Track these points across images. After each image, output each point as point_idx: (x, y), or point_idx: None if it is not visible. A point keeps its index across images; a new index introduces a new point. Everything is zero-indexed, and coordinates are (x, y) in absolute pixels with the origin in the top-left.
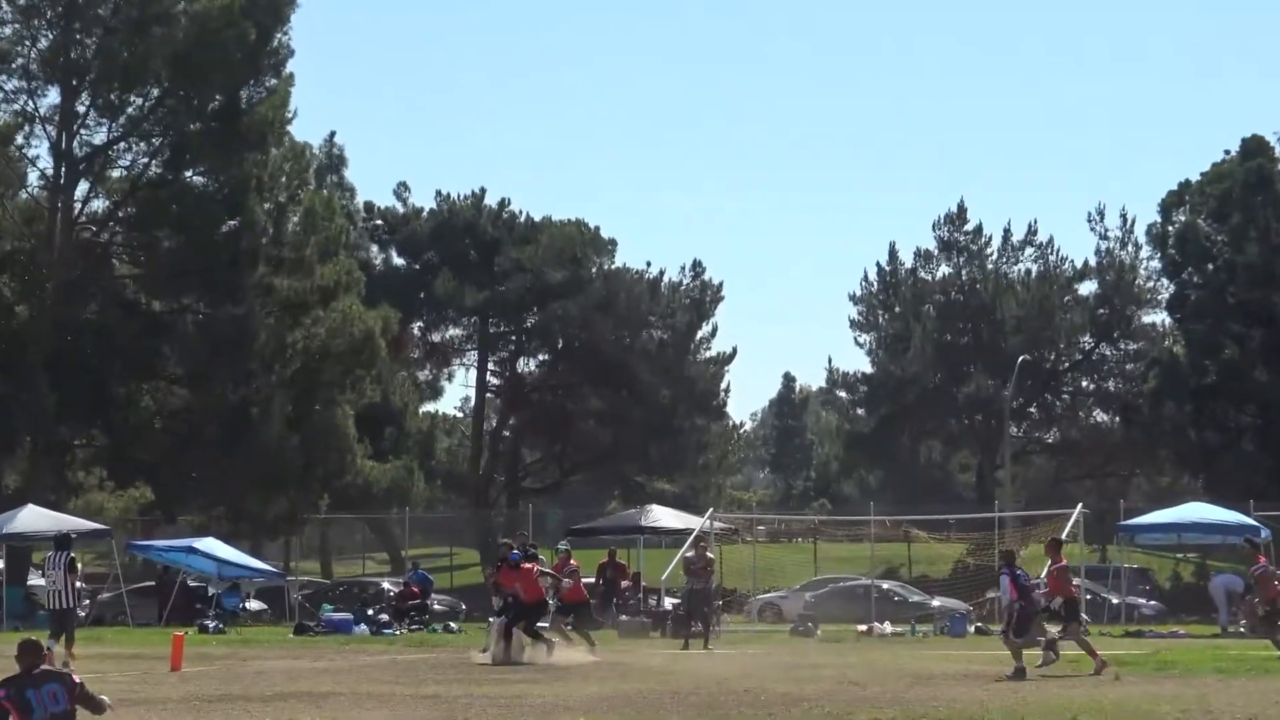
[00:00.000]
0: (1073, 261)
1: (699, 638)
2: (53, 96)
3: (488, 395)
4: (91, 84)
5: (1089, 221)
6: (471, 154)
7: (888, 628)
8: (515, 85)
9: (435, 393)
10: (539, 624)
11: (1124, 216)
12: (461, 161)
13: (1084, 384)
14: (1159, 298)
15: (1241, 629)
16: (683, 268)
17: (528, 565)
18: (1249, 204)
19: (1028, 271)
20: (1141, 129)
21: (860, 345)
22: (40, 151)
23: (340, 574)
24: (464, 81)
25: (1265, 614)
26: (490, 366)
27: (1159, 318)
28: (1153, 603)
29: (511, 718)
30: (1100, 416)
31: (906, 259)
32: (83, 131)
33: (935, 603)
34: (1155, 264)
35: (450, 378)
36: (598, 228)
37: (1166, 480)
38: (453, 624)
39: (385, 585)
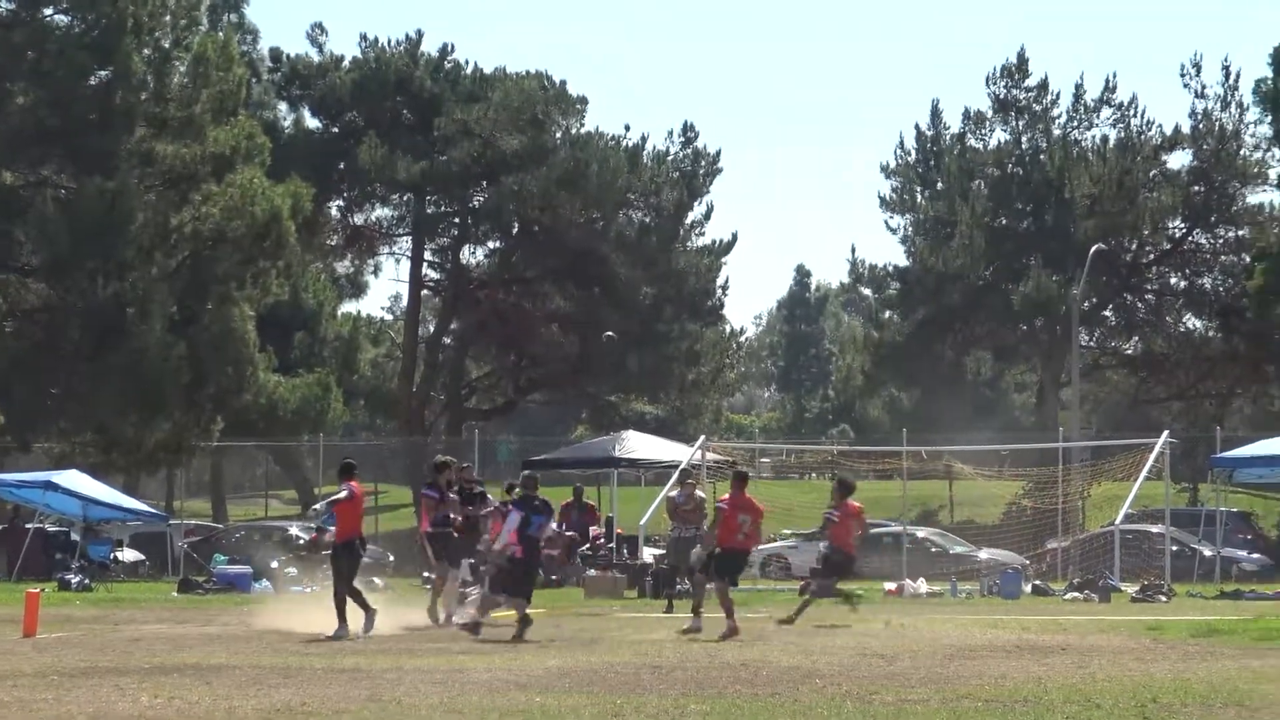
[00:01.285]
0: (1161, 127)
1: (687, 599)
2: None
3: (424, 293)
4: None
5: (1182, 76)
6: None
7: (922, 586)
8: None
9: (358, 290)
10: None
11: (1226, 70)
12: None
13: (1173, 281)
14: (1268, 172)
15: None
16: (670, 133)
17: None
18: None
19: (1104, 139)
20: None
21: (892, 231)
22: None
23: (237, 517)
24: None
25: None
26: (427, 257)
27: (1269, 198)
28: (1256, 555)
29: (450, 697)
30: (1193, 322)
31: (953, 122)
32: None
33: (982, 555)
34: (1265, 130)
35: (377, 271)
36: (563, 82)
37: (1276, 401)
38: (377, 579)
39: (293, 531)
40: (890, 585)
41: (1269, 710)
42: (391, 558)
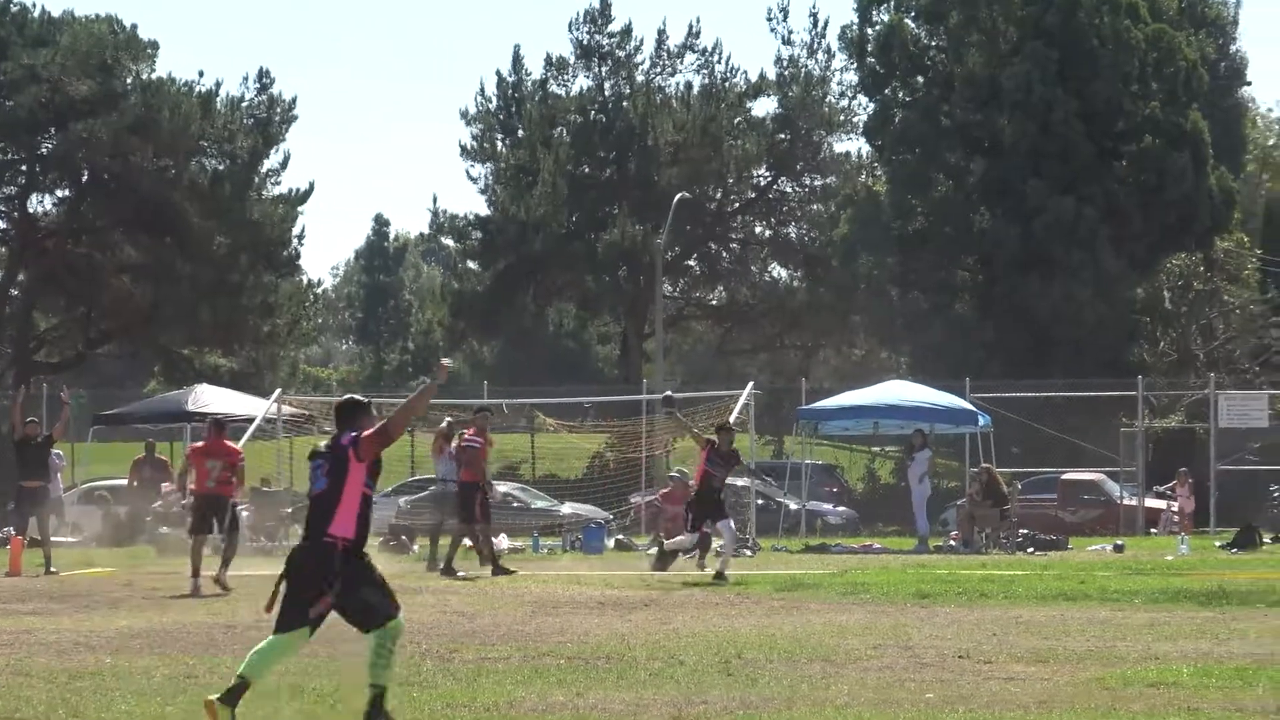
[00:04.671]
0: (746, 74)
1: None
2: None
3: None
4: None
5: (769, 21)
6: None
7: (504, 542)
8: None
9: None
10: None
11: (813, 16)
12: None
13: (758, 230)
14: (854, 120)
15: (952, 542)
16: (245, 79)
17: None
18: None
19: (688, 85)
20: None
21: (473, 180)
22: None
23: None
24: None
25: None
26: None
27: (855, 145)
28: (841, 508)
29: (17, 659)
30: (778, 272)
31: (535, 68)
32: None
33: (564, 509)
34: (851, 77)
35: None
36: (134, 26)
37: (861, 353)
38: None
39: None
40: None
41: (855, 665)
42: None
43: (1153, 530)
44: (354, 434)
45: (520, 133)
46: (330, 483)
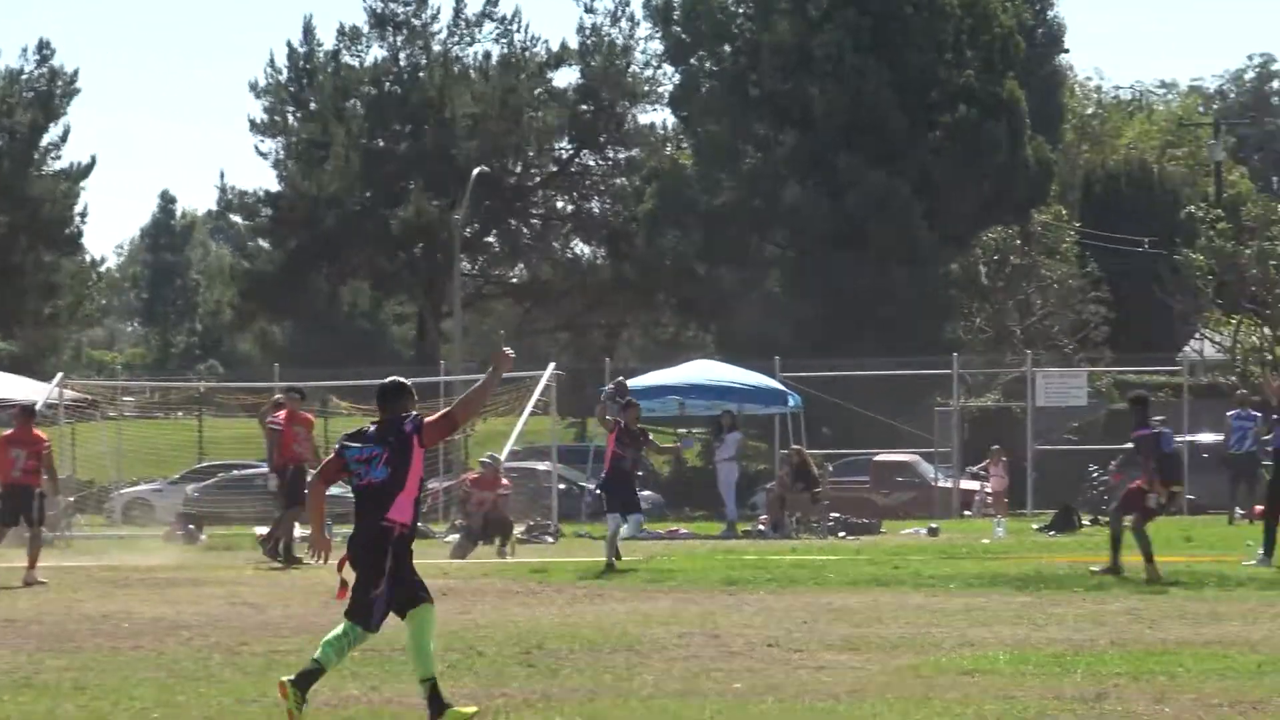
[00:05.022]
0: (547, 43)
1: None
2: None
3: None
4: None
5: None
6: None
7: (296, 530)
8: None
9: None
10: None
11: None
12: None
13: (560, 205)
14: (659, 90)
15: (760, 527)
16: (24, 51)
17: None
18: None
19: (486, 55)
20: None
21: (263, 155)
22: None
23: None
24: None
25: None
26: None
27: (660, 117)
28: (646, 493)
29: None
30: (581, 248)
31: (327, 39)
32: None
33: None
34: (656, 46)
35: None
36: None
37: (668, 331)
38: None
39: None
40: (262, 529)
41: (660, 654)
42: None
43: (966, 513)
44: (413, 419)
45: (312, 105)
46: (392, 471)
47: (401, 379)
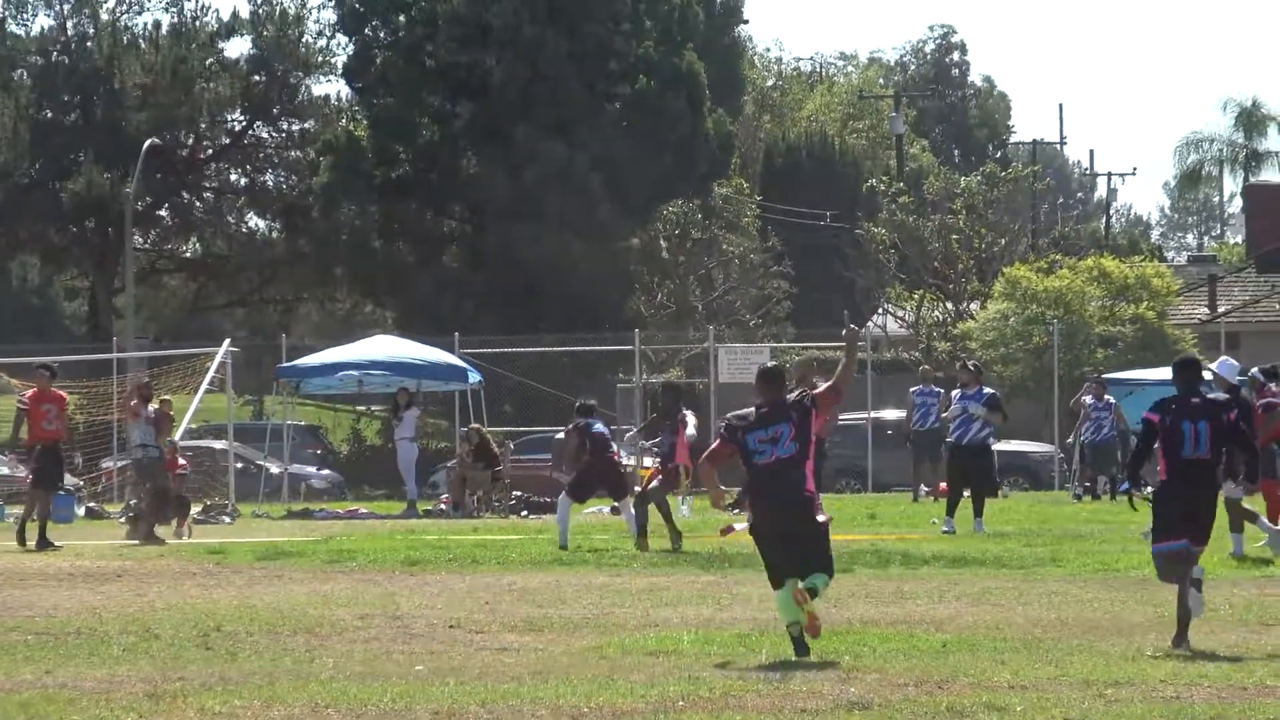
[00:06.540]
0: (218, 12)
1: None
2: None
3: None
4: None
5: None
6: None
7: None
8: None
9: None
10: None
11: None
12: None
13: (234, 178)
14: (334, 61)
15: (442, 506)
16: None
17: None
18: None
19: (156, 25)
20: None
21: None
22: None
23: None
24: None
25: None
26: None
27: (334, 88)
28: (326, 471)
29: None
30: (256, 222)
31: None
32: None
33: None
34: (329, 15)
35: None
36: None
37: (345, 307)
38: None
39: None
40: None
41: (340, 636)
42: None
43: (636, 490)
44: (807, 394)
45: None
46: (798, 446)
47: (777, 365)
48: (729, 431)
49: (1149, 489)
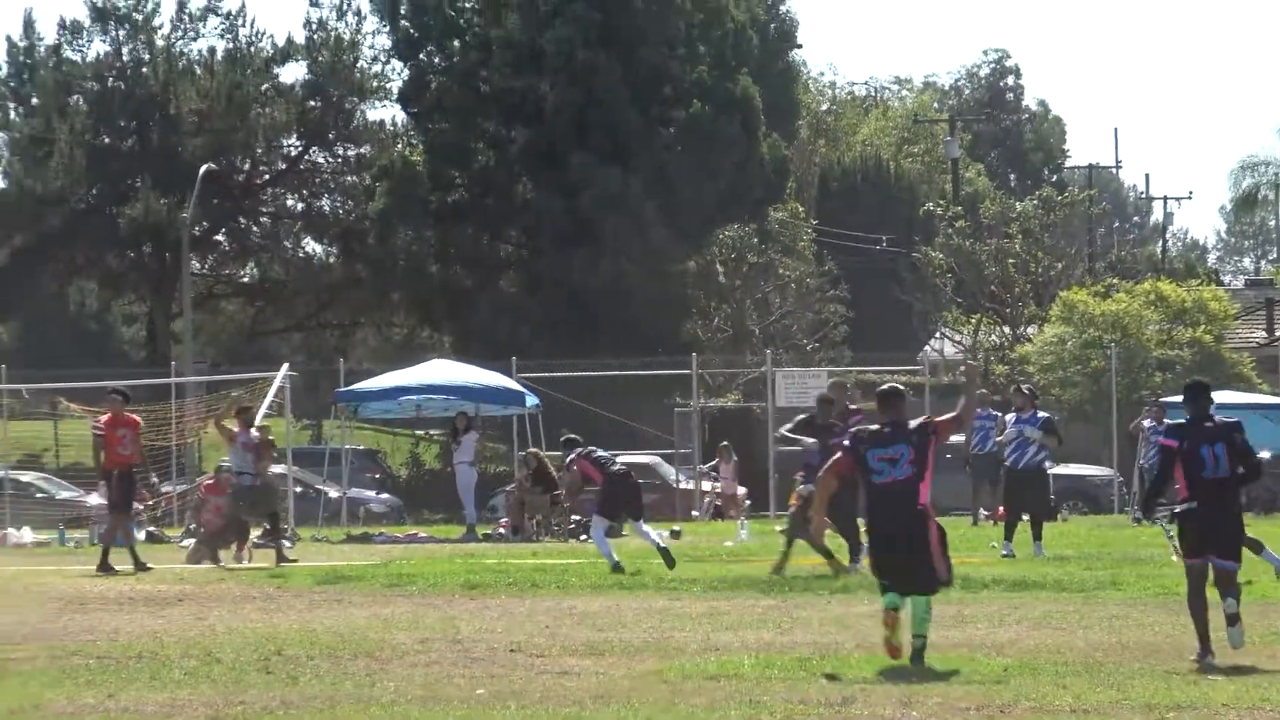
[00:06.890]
0: (273, 38)
1: None
2: None
3: None
4: None
5: None
6: None
7: (27, 535)
8: None
9: None
10: None
11: None
12: None
13: (290, 203)
14: (389, 86)
15: (501, 530)
16: None
17: None
18: None
19: (211, 51)
20: None
21: None
22: None
23: None
24: None
25: None
26: None
27: (390, 113)
28: (385, 495)
29: None
30: (312, 247)
31: (48, 33)
32: None
33: (92, 500)
34: (384, 41)
35: None
36: None
37: (402, 331)
38: None
39: None
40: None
41: (401, 660)
42: None
43: (694, 514)
44: (927, 421)
45: (34, 101)
46: (916, 468)
47: (899, 386)
48: (852, 445)
49: (1165, 512)
